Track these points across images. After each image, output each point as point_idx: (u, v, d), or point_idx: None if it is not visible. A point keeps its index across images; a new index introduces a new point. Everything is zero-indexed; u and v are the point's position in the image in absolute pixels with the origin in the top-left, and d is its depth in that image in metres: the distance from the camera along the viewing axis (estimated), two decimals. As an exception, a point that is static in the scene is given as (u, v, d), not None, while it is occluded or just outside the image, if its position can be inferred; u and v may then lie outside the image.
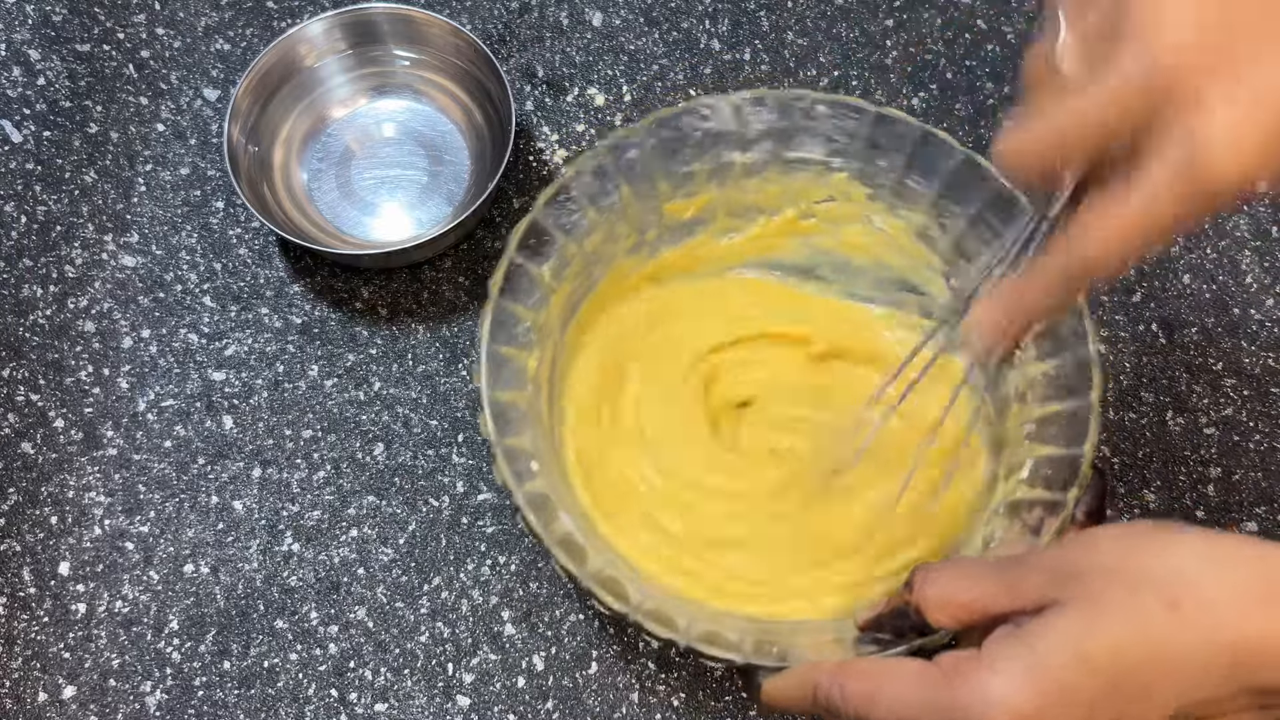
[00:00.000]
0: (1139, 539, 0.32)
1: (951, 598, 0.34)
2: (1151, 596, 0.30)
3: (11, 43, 0.61)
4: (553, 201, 0.45)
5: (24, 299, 0.55)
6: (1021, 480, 0.43)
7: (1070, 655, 0.30)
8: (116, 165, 0.58)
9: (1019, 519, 0.42)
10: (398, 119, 0.59)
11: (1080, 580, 0.31)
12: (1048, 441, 0.43)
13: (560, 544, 0.40)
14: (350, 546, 0.51)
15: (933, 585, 0.35)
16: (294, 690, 0.49)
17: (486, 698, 0.49)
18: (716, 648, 0.39)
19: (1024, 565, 0.33)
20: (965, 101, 0.61)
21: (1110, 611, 0.30)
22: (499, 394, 0.42)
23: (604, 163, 0.46)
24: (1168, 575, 0.31)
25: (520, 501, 0.40)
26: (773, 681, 0.38)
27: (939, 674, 0.32)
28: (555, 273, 0.46)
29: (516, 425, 0.43)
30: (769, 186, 0.49)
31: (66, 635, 0.50)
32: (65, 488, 0.52)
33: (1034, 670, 0.30)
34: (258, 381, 0.54)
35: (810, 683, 0.35)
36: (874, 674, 0.34)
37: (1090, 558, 0.32)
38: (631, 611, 0.39)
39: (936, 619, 0.35)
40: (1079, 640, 0.30)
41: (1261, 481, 0.53)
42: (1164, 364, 0.55)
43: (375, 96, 0.60)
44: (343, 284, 0.56)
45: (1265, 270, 0.57)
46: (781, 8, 0.63)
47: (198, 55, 0.61)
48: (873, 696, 0.33)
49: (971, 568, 0.35)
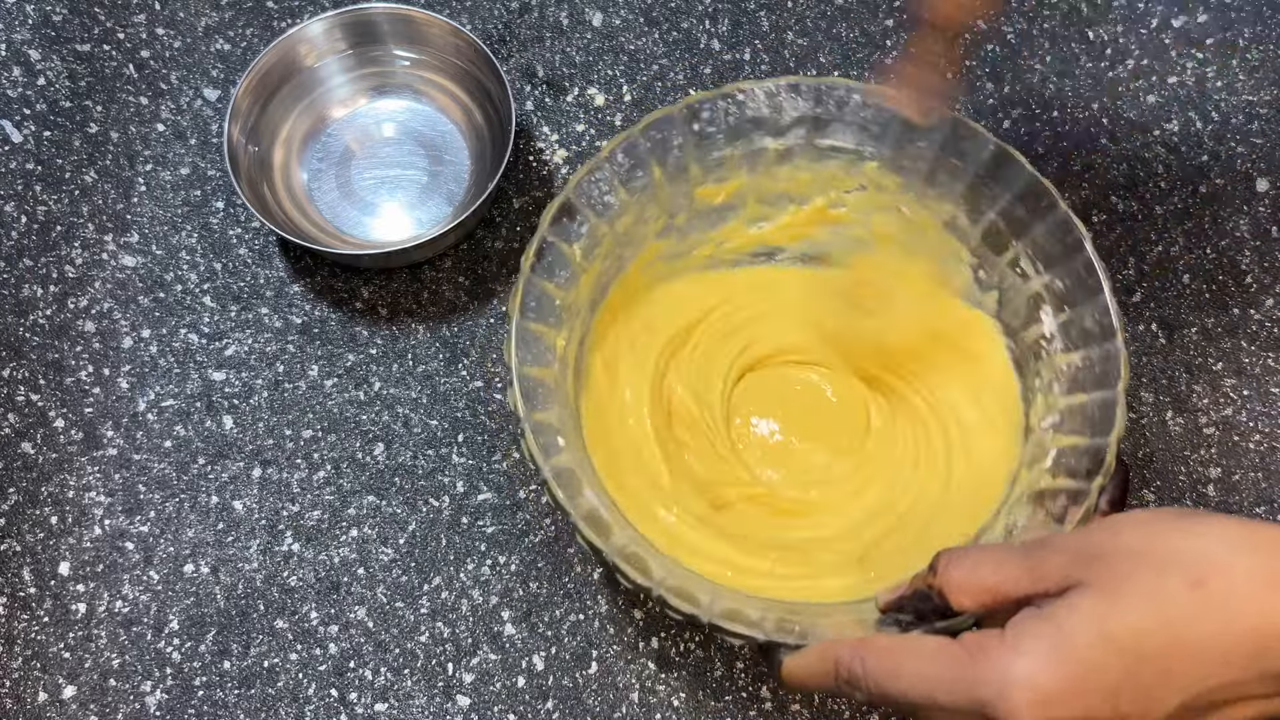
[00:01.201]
0: (1165, 522, 0.32)
1: (974, 581, 0.34)
2: (1176, 577, 0.30)
3: (11, 43, 0.61)
4: (585, 181, 0.45)
5: (24, 299, 0.55)
6: (1045, 469, 0.43)
7: (1095, 635, 0.30)
8: (116, 165, 0.58)
9: (1042, 508, 0.42)
10: (398, 119, 0.59)
11: (1105, 561, 0.31)
12: (1073, 432, 0.43)
13: (586, 519, 0.40)
14: (350, 546, 0.52)
15: (956, 568, 0.35)
16: (294, 690, 0.49)
17: (486, 698, 0.49)
18: (739, 624, 0.39)
19: (1047, 548, 0.33)
20: (965, 101, 0.61)
21: (1135, 592, 0.30)
22: (527, 369, 0.42)
23: (637, 144, 0.46)
24: (1193, 557, 0.30)
25: (547, 475, 0.40)
26: (793, 658, 0.38)
27: (961, 651, 0.32)
28: (586, 252, 0.46)
29: (544, 401, 0.43)
30: (800, 174, 0.49)
31: (66, 635, 0.50)
32: (65, 488, 0.52)
33: (1058, 649, 0.30)
34: (258, 381, 0.54)
35: (831, 658, 0.36)
36: (895, 649, 0.34)
37: (1115, 540, 0.32)
38: (655, 586, 0.39)
39: (959, 602, 0.35)
40: (1103, 620, 0.30)
41: (1261, 481, 0.53)
42: (1164, 364, 0.55)
43: (375, 96, 0.60)
44: (343, 284, 0.56)
45: (1265, 270, 0.57)
46: (781, 8, 0.63)
47: (198, 55, 0.61)
48: (894, 671, 0.33)
49: (995, 551, 0.35)
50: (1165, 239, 0.58)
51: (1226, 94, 0.61)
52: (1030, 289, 0.46)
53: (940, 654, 0.33)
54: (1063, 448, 0.43)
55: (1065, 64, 0.62)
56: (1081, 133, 0.60)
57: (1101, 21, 0.63)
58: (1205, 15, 0.63)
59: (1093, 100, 0.61)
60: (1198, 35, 0.62)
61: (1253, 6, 0.63)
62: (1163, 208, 0.59)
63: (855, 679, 0.34)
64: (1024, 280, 0.46)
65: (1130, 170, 0.59)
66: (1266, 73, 0.61)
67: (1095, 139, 0.60)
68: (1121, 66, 0.62)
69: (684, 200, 0.49)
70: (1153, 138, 0.60)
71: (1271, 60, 0.62)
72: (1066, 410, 0.44)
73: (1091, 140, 0.60)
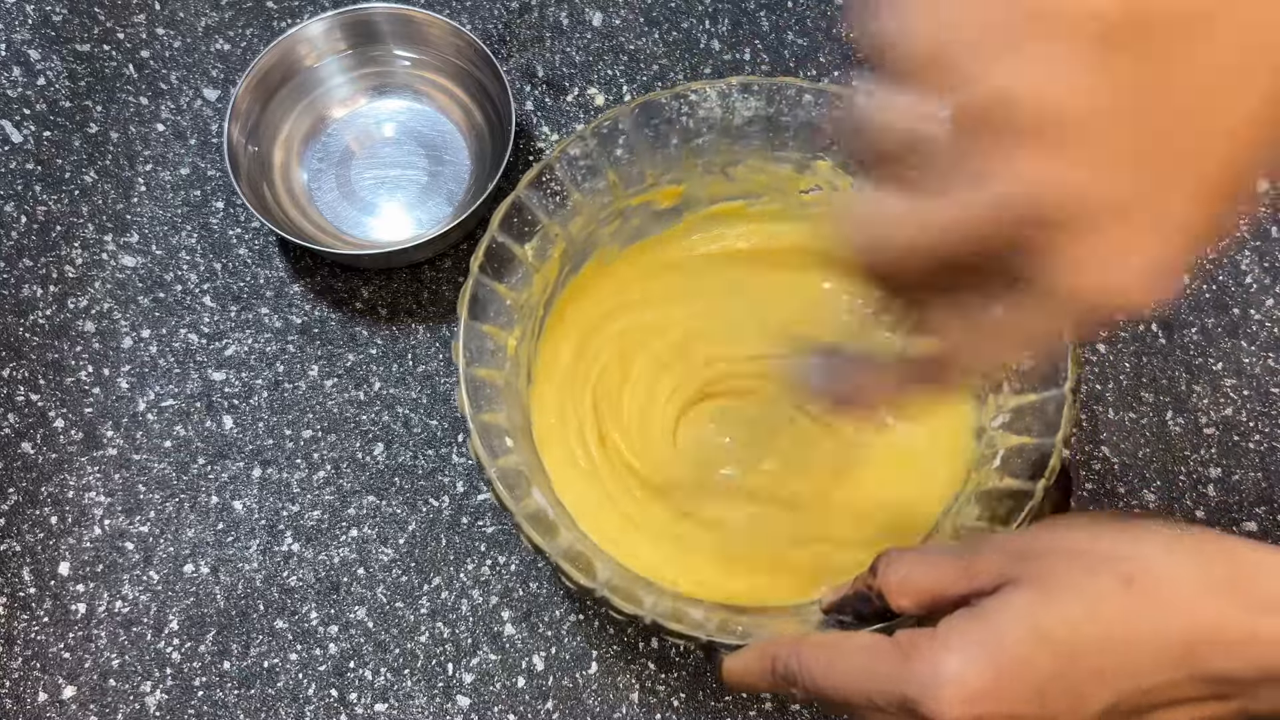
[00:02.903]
0: (1103, 524, 0.32)
1: (912, 582, 0.35)
2: (1109, 576, 0.30)
3: (11, 43, 0.61)
4: (536, 182, 0.45)
5: (24, 299, 0.55)
6: (994, 469, 0.44)
7: (1025, 631, 0.30)
8: (116, 165, 0.58)
9: (989, 508, 0.43)
10: (398, 119, 0.59)
11: (1039, 560, 0.31)
12: (1021, 431, 0.44)
13: (530, 519, 0.40)
14: (350, 546, 0.52)
15: (894, 570, 0.35)
16: (294, 690, 0.49)
17: (486, 698, 0.49)
18: (681, 625, 0.39)
19: (983, 548, 0.34)
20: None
21: (1066, 588, 0.30)
22: (476, 370, 0.43)
23: (589, 145, 0.46)
24: (1128, 557, 0.31)
25: (491, 475, 0.40)
26: (733, 657, 0.38)
27: (893, 648, 0.32)
28: (538, 252, 0.46)
29: (493, 402, 0.43)
30: (755, 175, 0.49)
31: (66, 635, 0.50)
32: (65, 488, 0.52)
33: (986, 645, 0.30)
34: (258, 381, 0.54)
35: (769, 655, 0.36)
36: (830, 646, 0.34)
37: (1051, 539, 0.32)
38: (599, 588, 0.39)
39: (898, 603, 0.35)
40: (1034, 616, 0.30)
41: (1261, 481, 0.53)
42: (1164, 364, 0.55)
43: (375, 96, 0.60)
44: (343, 284, 0.56)
45: (1265, 270, 0.57)
46: (781, 8, 0.63)
47: (198, 55, 0.61)
48: (827, 668, 0.34)
49: (931, 553, 0.35)
50: (1165, 239, 0.58)
51: (1226, 94, 0.61)
52: None
53: (873, 651, 0.33)
54: (1010, 447, 0.44)
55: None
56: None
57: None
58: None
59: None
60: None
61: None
62: (1163, 208, 0.59)
63: (791, 675, 0.35)
64: None
65: (1130, 170, 0.59)
66: (1266, 73, 0.61)
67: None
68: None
69: (638, 201, 0.49)
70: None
71: (1271, 60, 0.62)
72: (1015, 410, 0.44)
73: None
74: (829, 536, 0.47)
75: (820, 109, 0.47)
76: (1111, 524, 0.32)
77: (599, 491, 0.47)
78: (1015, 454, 0.43)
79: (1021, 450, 0.43)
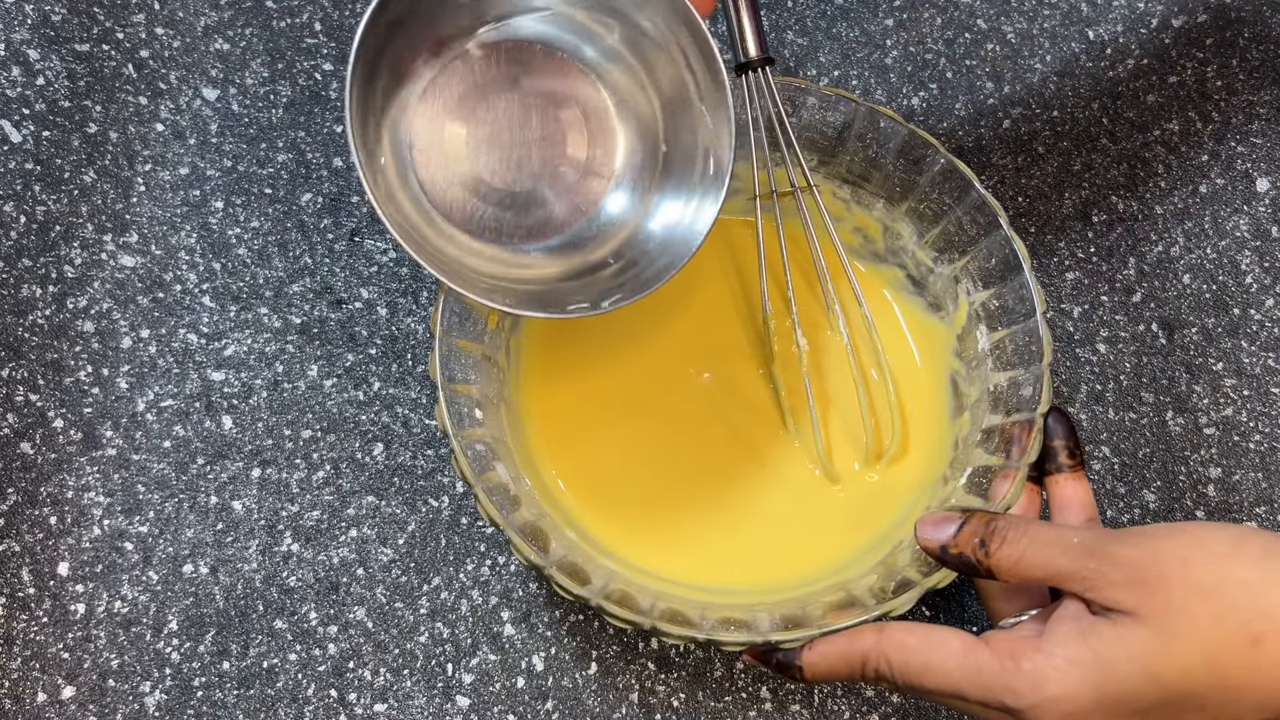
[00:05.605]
0: (1236, 557, 0.32)
1: (1025, 566, 0.35)
2: (1236, 630, 0.30)
3: (11, 43, 0.61)
4: None
5: (23, 299, 0.55)
6: (977, 444, 0.44)
7: (1138, 669, 0.31)
8: (116, 165, 0.58)
9: (974, 481, 0.43)
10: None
11: (1164, 593, 0.31)
12: (1008, 367, 0.45)
13: (489, 491, 0.40)
14: (350, 547, 0.51)
15: (1010, 549, 0.35)
16: (293, 690, 0.49)
17: (486, 698, 0.49)
18: (624, 610, 0.40)
19: (1104, 558, 0.33)
20: (965, 101, 0.61)
21: (1190, 637, 0.31)
22: (452, 339, 0.43)
23: None
24: (1257, 609, 0.31)
25: (455, 446, 0.40)
26: (813, 660, 0.38)
27: (991, 656, 0.33)
28: None
29: (467, 372, 0.43)
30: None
31: (66, 635, 0.50)
32: (64, 488, 0.52)
33: (1097, 676, 0.31)
34: (257, 381, 0.54)
35: (856, 660, 0.37)
36: (922, 650, 0.35)
37: (1180, 567, 0.32)
38: (547, 565, 0.39)
39: (1005, 579, 0.36)
40: (1149, 658, 0.31)
41: (1261, 481, 0.53)
42: (1164, 364, 0.55)
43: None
44: (343, 284, 0.56)
45: (1265, 270, 0.57)
46: (781, 8, 0.63)
47: (197, 55, 0.61)
48: (922, 671, 0.35)
49: (1048, 544, 0.35)
50: (1165, 239, 0.58)
51: (1226, 94, 0.61)
52: (950, 272, 0.47)
53: (969, 656, 0.34)
54: (992, 425, 0.44)
55: (1065, 64, 0.62)
56: (1081, 133, 0.60)
57: (1101, 21, 0.63)
58: (1205, 15, 0.63)
59: (1093, 100, 0.61)
60: (1198, 35, 0.62)
61: (1252, 6, 0.63)
62: (1163, 207, 0.59)
63: (883, 676, 0.36)
64: (949, 265, 0.47)
65: (1130, 170, 0.59)
66: (1266, 73, 0.61)
67: (1095, 139, 0.60)
68: (1121, 66, 0.62)
69: None
70: (1153, 137, 0.60)
71: (1271, 60, 0.62)
72: (997, 386, 0.45)
73: (1091, 140, 0.60)
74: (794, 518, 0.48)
75: (822, 111, 0.47)
76: (1241, 552, 0.32)
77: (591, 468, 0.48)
78: (996, 431, 0.44)
79: (1005, 425, 0.44)
